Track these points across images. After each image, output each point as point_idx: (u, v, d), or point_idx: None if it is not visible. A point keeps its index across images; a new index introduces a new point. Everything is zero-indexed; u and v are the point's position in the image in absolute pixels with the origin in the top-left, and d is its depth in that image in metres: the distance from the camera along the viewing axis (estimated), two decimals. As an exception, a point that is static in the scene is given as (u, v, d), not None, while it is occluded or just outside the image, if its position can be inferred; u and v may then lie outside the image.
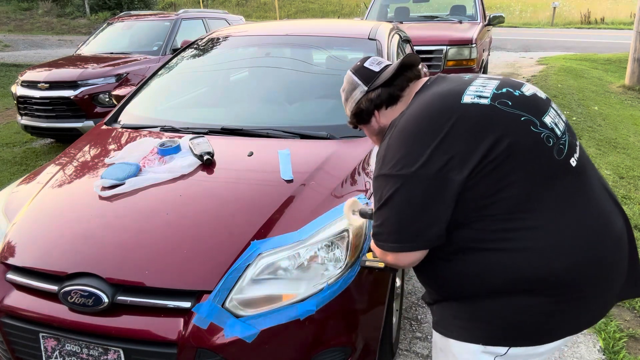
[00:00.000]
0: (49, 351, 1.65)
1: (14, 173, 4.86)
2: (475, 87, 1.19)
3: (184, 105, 2.90)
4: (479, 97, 1.15)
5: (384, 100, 1.32)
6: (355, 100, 1.36)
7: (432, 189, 1.09)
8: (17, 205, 2.03)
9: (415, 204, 1.10)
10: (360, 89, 1.34)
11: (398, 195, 1.12)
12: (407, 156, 1.11)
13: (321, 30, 3.26)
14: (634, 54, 8.37)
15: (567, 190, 1.12)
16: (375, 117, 1.35)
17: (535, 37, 15.86)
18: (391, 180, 1.13)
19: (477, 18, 6.97)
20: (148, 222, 1.78)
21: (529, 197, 1.09)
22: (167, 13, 7.75)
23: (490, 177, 1.08)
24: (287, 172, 1.97)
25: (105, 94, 5.27)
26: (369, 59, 1.39)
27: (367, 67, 1.36)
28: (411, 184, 1.10)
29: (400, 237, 1.14)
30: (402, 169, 1.11)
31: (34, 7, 20.47)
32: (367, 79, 1.34)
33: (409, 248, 1.15)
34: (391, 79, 1.30)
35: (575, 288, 1.11)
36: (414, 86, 1.31)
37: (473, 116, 1.11)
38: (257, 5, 24.51)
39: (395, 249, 1.16)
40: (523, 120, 1.13)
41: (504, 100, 1.15)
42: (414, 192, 1.10)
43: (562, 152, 1.14)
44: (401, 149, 1.13)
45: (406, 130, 1.15)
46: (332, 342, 1.66)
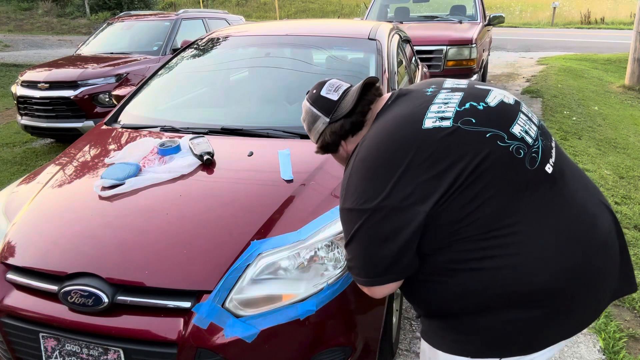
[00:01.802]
0: (49, 351, 1.65)
1: (14, 173, 4.86)
2: (437, 106, 1.15)
3: (184, 105, 2.90)
4: (440, 120, 1.11)
5: (349, 131, 1.28)
6: (319, 132, 1.32)
7: (397, 222, 1.07)
8: (17, 205, 2.03)
9: (380, 239, 1.08)
10: (322, 120, 1.30)
11: (363, 230, 1.10)
12: (368, 189, 1.09)
13: (321, 30, 3.26)
14: (634, 54, 8.37)
15: (544, 199, 1.09)
16: (342, 146, 1.32)
17: (535, 37, 15.86)
18: (354, 214, 1.11)
19: (477, 18, 6.96)
20: (148, 222, 1.78)
21: (504, 212, 1.06)
22: (167, 13, 7.75)
23: (461, 200, 1.05)
24: (287, 172, 1.97)
25: (105, 94, 5.27)
26: (324, 84, 1.33)
27: (325, 97, 1.30)
28: (375, 217, 1.08)
29: (371, 271, 1.13)
30: (365, 202, 1.09)
31: (34, 7, 20.47)
32: (327, 109, 1.30)
33: (381, 282, 1.14)
34: (353, 108, 1.26)
35: (562, 297, 1.08)
36: (375, 107, 1.28)
37: (435, 143, 1.08)
38: (257, 5, 24.52)
39: (367, 283, 1.15)
40: (489, 137, 1.09)
41: (467, 118, 1.12)
42: (379, 226, 1.08)
43: (536, 161, 1.11)
44: (362, 181, 1.11)
45: (367, 161, 1.12)
46: (332, 342, 1.66)
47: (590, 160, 4.85)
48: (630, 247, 3.22)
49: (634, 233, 3.41)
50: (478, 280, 1.08)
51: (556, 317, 1.10)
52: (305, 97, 1.36)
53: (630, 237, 3.32)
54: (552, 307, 1.08)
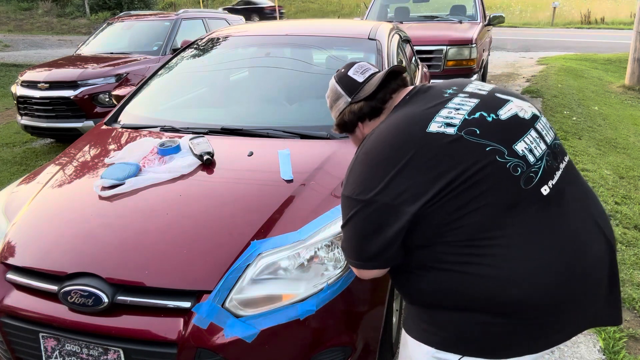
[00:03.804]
0: (49, 351, 1.65)
1: (14, 173, 4.86)
2: (448, 111, 1.17)
3: (183, 105, 2.90)
4: (446, 126, 1.13)
5: (367, 114, 1.32)
6: (339, 110, 1.36)
7: (385, 217, 1.12)
8: (17, 205, 2.03)
9: (370, 228, 1.15)
10: (344, 99, 1.33)
11: (356, 218, 1.16)
12: (365, 182, 1.15)
13: (321, 30, 3.26)
14: (634, 54, 8.37)
15: (533, 219, 1.09)
16: (359, 128, 1.36)
17: (535, 37, 15.86)
18: (351, 202, 1.17)
19: (477, 18, 6.96)
20: (148, 222, 1.78)
21: (489, 225, 1.07)
22: (167, 13, 7.75)
23: (450, 205, 1.08)
24: (287, 172, 1.97)
25: (105, 94, 5.27)
26: (353, 65, 1.36)
27: (351, 77, 1.34)
28: (367, 210, 1.13)
29: (360, 256, 1.20)
30: (360, 194, 1.14)
31: (34, 7, 20.48)
32: (350, 89, 1.33)
33: (367, 267, 1.21)
34: (374, 92, 1.29)
35: (534, 312, 1.09)
36: (396, 97, 1.30)
37: (434, 148, 1.11)
38: (257, 5, 24.46)
39: (356, 265, 1.23)
40: (488, 151, 1.10)
41: (472, 128, 1.13)
42: (369, 217, 1.14)
43: (532, 181, 1.11)
44: (362, 174, 1.17)
45: (369, 154, 1.18)
46: (332, 342, 1.66)
47: (590, 160, 4.85)
48: (630, 247, 3.22)
49: (634, 233, 3.40)
50: (456, 282, 1.12)
51: (523, 331, 1.11)
52: (334, 74, 1.39)
53: (631, 237, 3.32)
54: (520, 320, 1.10)
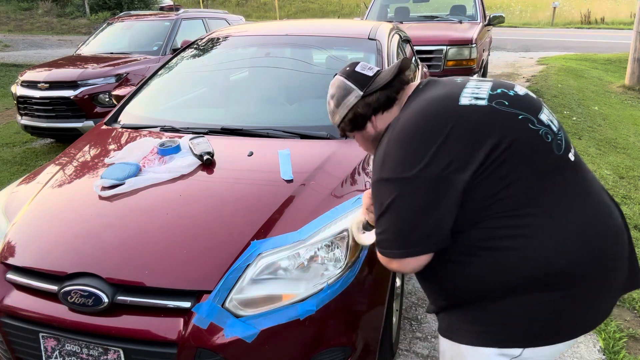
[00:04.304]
0: (49, 351, 1.65)
1: (14, 173, 4.86)
2: (471, 89, 1.20)
3: (183, 105, 2.90)
4: (476, 99, 1.16)
5: (382, 104, 1.30)
6: (349, 106, 1.33)
7: (436, 191, 1.08)
8: (17, 205, 2.03)
9: (418, 207, 1.09)
10: (355, 93, 1.32)
11: (400, 199, 1.10)
12: (408, 158, 1.11)
13: (321, 30, 3.26)
14: (634, 54, 8.37)
15: (570, 183, 1.14)
16: (371, 122, 1.33)
17: (535, 37, 15.86)
18: (392, 184, 1.12)
19: (477, 18, 6.96)
20: (148, 222, 1.78)
21: (533, 192, 1.10)
22: (167, 13, 7.74)
23: (494, 175, 1.08)
24: (287, 172, 1.97)
25: (105, 94, 5.27)
26: (357, 64, 1.37)
27: (360, 72, 1.34)
28: (414, 186, 1.09)
29: (405, 242, 1.12)
30: (403, 171, 1.10)
31: (34, 7, 20.47)
32: (361, 83, 1.32)
33: (414, 253, 1.13)
34: (390, 81, 1.29)
35: (582, 282, 1.11)
36: (407, 89, 1.31)
37: (472, 118, 1.12)
38: (257, 5, 24.53)
39: (400, 255, 1.14)
40: (521, 119, 1.14)
41: (500, 100, 1.17)
42: (417, 195, 1.09)
43: (561, 148, 1.16)
44: (401, 151, 1.13)
45: (405, 132, 1.15)
46: (332, 342, 1.66)
47: (591, 160, 4.86)
48: (630, 247, 3.22)
49: (634, 233, 3.40)
50: (508, 259, 1.10)
51: (576, 305, 1.13)
52: (336, 75, 1.38)
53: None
54: (572, 292, 1.11)
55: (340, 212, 1.78)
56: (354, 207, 1.81)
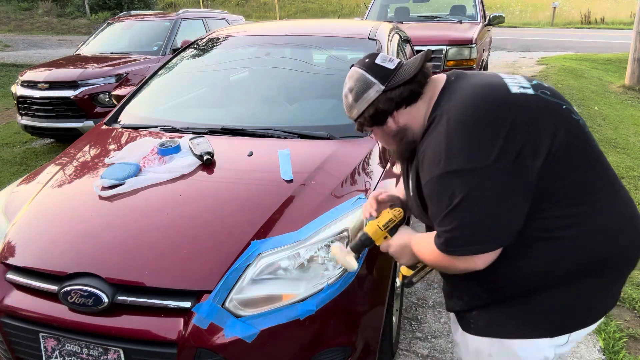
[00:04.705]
0: (49, 351, 1.65)
1: (14, 173, 4.86)
2: (511, 79, 1.18)
3: (183, 105, 2.90)
4: (522, 87, 1.14)
5: (405, 99, 1.21)
6: (369, 101, 1.24)
7: (512, 180, 1.03)
8: (17, 205, 2.03)
9: (495, 199, 1.03)
10: (376, 88, 1.23)
11: (476, 192, 1.03)
12: (478, 147, 1.04)
13: (321, 30, 3.26)
14: (634, 54, 8.36)
15: (606, 172, 1.15)
16: (393, 117, 1.25)
17: (535, 37, 15.85)
18: (463, 175, 1.04)
19: (477, 18, 6.96)
20: (148, 222, 1.78)
21: (587, 181, 1.11)
22: (167, 13, 7.75)
23: (557, 163, 1.07)
24: (287, 172, 1.97)
25: (105, 94, 5.27)
26: (377, 56, 1.28)
27: (381, 65, 1.24)
28: (489, 176, 1.03)
29: (483, 237, 1.06)
30: (478, 161, 1.03)
31: (34, 7, 20.46)
32: (383, 76, 1.23)
33: (491, 247, 1.07)
34: (415, 75, 1.21)
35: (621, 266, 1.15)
36: (434, 82, 1.24)
37: (530, 105, 1.10)
38: (257, 5, 24.52)
39: (475, 251, 1.07)
40: (564, 109, 1.14)
41: (543, 90, 1.16)
42: (493, 186, 1.03)
43: (592, 137, 1.18)
44: (468, 141, 1.05)
45: (467, 121, 1.08)
46: (332, 342, 1.66)
47: (590, 160, 4.85)
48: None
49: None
50: (560, 249, 1.10)
51: (609, 288, 1.17)
52: (353, 67, 1.29)
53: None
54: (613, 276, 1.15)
55: (340, 212, 1.78)
56: (354, 207, 1.81)
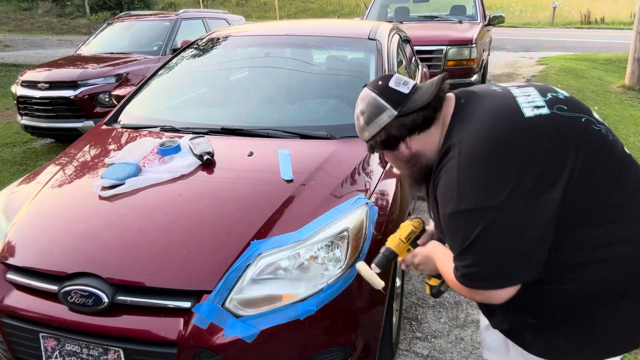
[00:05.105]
0: (49, 351, 1.65)
1: (14, 173, 4.86)
2: (523, 98, 1.12)
3: (183, 105, 2.90)
4: (536, 108, 1.09)
5: (419, 125, 1.18)
6: (381, 126, 1.20)
7: (527, 214, 1.00)
8: (17, 205, 2.03)
9: (511, 235, 1.01)
10: (389, 113, 1.19)
11: (489, 230, 1.01)
12: (491, 184, 1.02)
13: (321, 30, 3.26)
14: (634, 54, 8.36)
15: (636, 178, 1.11)
16: (405, 143, 1.21)
17: (535, 37, 15.85)
18: (476, 213, 1.02)
19: (477, 18, 6.96)
20: (148, 222, 1.78)
21: (615, 194, 1.07)
22: (167, 13, 7.75)
23: (579, 188, 1.03)
24: (287, 172, 1.97)
25: (105, 94, 5.27)
26: (391, 78, 1.24)
27: (395, 89, 1.20)
28: (503, 213, 1.00)
29: (499, 273, 1.04)
30: (489, 199, 1.01)
31: (34, 7, 20.46)
32: (395, 101, 1.19)
33: (513, 282, 1.05)
34: (430, 102, 1.17)
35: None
36: (446, 107, 1.20)
37: (546, 130, 1.05)
38: (257, 5, 24.51)
39: (496, 286, 1.05)
40: (584, 122, 1.09)
41: (558, 105, 1.10)
42: (508, 222, 1.00)
43: (619, 142, 1.13)
44: (480, 176, 1.03)
45: (480, 155, 1.05)
46: (332, 342, 1.66)
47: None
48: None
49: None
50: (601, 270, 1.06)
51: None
52: (366, 88, 1.26)
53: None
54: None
55: (340, 212, 1.78)
56: (354, 207, 1.81)
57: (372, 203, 1.89)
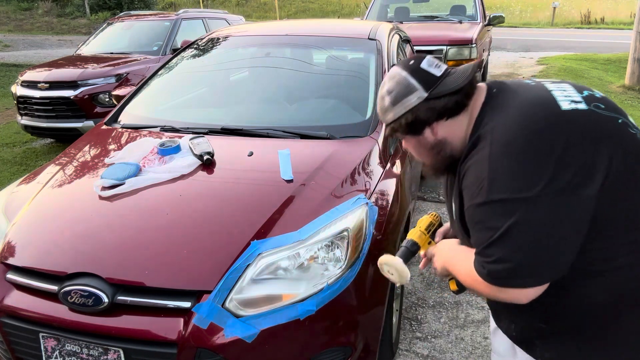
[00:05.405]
0: (49, 351, 1.65)
1: (14, 173, 4.86)
2: (560, 92, 1.07)
3: (184, 105, 2.90)
4: (573, 102, 1.04)
5: (449, 110, 1.12)
6: (408, 107, 1.14)
7: (563, 210, 0.96)
8: (17, 205, 2.03)
9: (541, 231, 0.96)
10: (418, 94, 1.13)
11: (522, 223, 0.96)
12: (526, 176, 0.97)
13: (321, 30, 3.26)
14: (634, 54, 8.36)
15: None
16: (431, 128, 1.16)
17: (535, 37, 15.85)
18: (510, 205, 0.97)
19: (477, 18, 6.97)
20: (148, 222, 1.78)
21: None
22: (167, 13, 7.75)
23: (614, 189, 0.98)
24: (287, 172, 1.97)
25: (105, 94, 5.27)
26: (423, 59, 1.17)
27: (427, 70, 1.15)
28: (537, 206, 0.95)
29: (532, 270, 0.98)
30: (524, 190, 0.96)
31: (34, 7, 20.47)
32: (427, 83, 1.13)
33: (536, 282, 0.99)
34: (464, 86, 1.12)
35: None
36: (477, 95, 1.14)
37: (583, 124, 1.00)
38: (257, 5, 24.51)
39: (523, 284, 1.00)
40: (621, 123, 1.04)
41: (596, 103, 1.05)
42: (542, 217, 0.95)
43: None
44: (515, 167, 0.98)
45: (514, 145, 0.99)
46: (332, 342, 1.66)
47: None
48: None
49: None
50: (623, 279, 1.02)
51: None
52: (396, 67, 1.20)
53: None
54: None
55: (340, 212, 1.78)
56: (354, 207, 1.81)
57: (372, 203, 1.89)
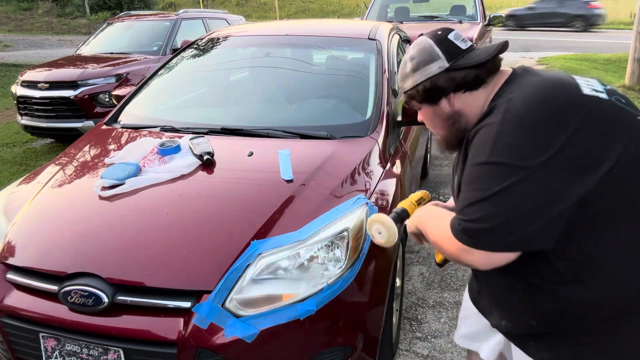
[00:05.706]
0: (49, 351, 1.65)
1: (14, 173, 4.86)
2: (583, 80, 1.08)
3: (184, 105, 2.90)
4: (595, 90, 1.04)
5: (468, 83, 1.15)
6: (429, 75, 1.17)
7: (559, 185, 0.96)
8: (17, 205, 2.03)
9: (529, 202, 0.96)
10: (440, 63, 1.16)
11: (516, 188, 0.96)
12: (531, 145, 0.97)
13: (321, 30, 3.26)
14: (634, 54, 8.36)
15: None
16: (448, 99, 1.18)
17: (535, 37, 15.86)
18: (508, 170, 0.98)
19: (477, 18, 6.97)
20: (148, 222, 1.78)
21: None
22: (167, 13, 7.75)
23: (620, 180, 0.98)
24: (287, 172, 1.97)
25: (105, 94, 5.27)
26: (451, 31, 1.20)
27: (453, 42, 1.17)
28: (535, 176, 0.96)
29: (500, 236, 0.98)
30: (525, 158, 0.97)
31: (34, 7, 20.46)
32: (451, 54, 1.16)
33: (516, 248, 1.00)
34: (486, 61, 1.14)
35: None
36: (499, 74, 1.17)
37: (602, 110, 1.00)
38: (257, 5, 24.51)
39: (495, 247, 1.00)
40: (639, 120, 1.03)
41: (617, 96, 1.06)
42: (534, 188, 0.96)
43: None
44: (522, 135, 0.99)
45: (527, 116, 1.00)
46: (332, 342, 1.66)
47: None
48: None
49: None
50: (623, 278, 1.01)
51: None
52: (423, 36, 1.22)
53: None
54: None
55: (340, 212, 1.78)
56: (354, 207, 1.81)
57: (372, 203, 1.89)
